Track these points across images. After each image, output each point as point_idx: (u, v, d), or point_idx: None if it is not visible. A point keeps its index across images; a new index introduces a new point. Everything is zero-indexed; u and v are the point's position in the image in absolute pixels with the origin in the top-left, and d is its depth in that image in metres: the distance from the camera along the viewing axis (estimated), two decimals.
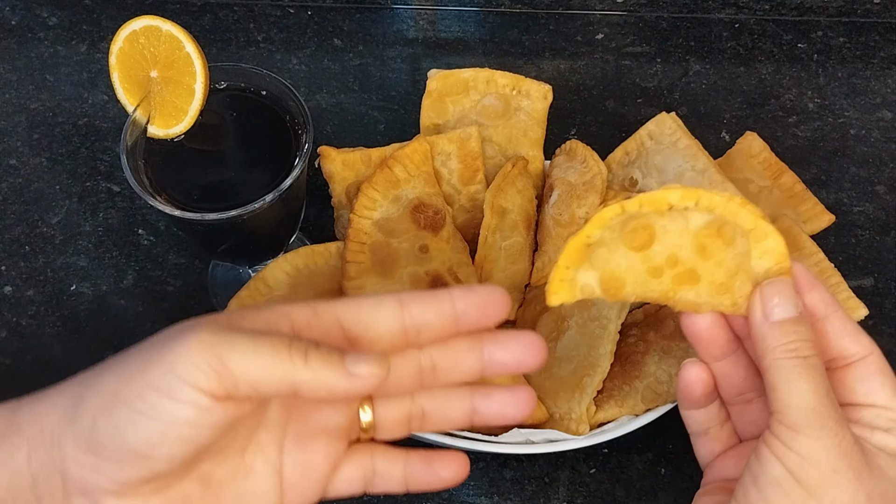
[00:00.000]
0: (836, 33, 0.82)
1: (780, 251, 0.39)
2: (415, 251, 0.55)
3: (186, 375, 0.31)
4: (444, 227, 0.56)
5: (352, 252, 0.54)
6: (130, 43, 0.55)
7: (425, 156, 0.58)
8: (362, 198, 0.56)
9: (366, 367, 0.33)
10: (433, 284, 0.54)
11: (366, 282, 0.54)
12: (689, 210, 0.38)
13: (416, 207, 0.56)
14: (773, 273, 0.39)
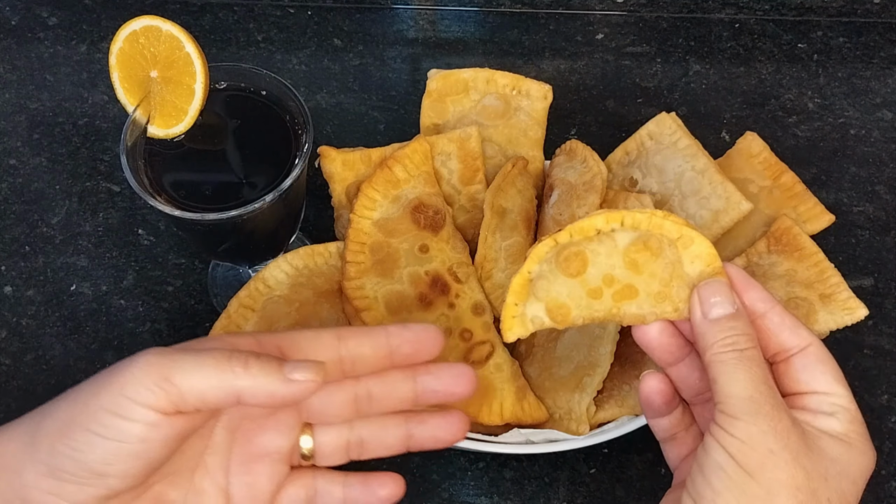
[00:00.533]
0: (836, 33, 0.82)
1: (709, 253, 0.41)
2: (415, 251, 0.55)
3: (135, 395, 0.33)
4: (444, 226, 0.57)
5: (352, 252, 0.55)
6: (130, 43, 0.55)
7: (425, 155, 0.58)
8: (362, 198, 0.56)
9: (303, 374, 0.35)
10: (433, 284, 0.55)
11: (366, 282, 0.54)
12: (616, 231, 0.42)
13: (417, 207, 0.56)
14: (706, 275, 0.41)
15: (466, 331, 0.55)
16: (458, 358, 0.54)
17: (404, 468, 0.60)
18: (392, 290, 0.54)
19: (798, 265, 0.56)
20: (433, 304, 0.55)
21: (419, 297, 0.55)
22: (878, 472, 0.61)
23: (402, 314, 0.54)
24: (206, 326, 0.64)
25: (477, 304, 0.56)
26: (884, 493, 0.60)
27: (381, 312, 0.53)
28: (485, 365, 0.54)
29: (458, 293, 0.56)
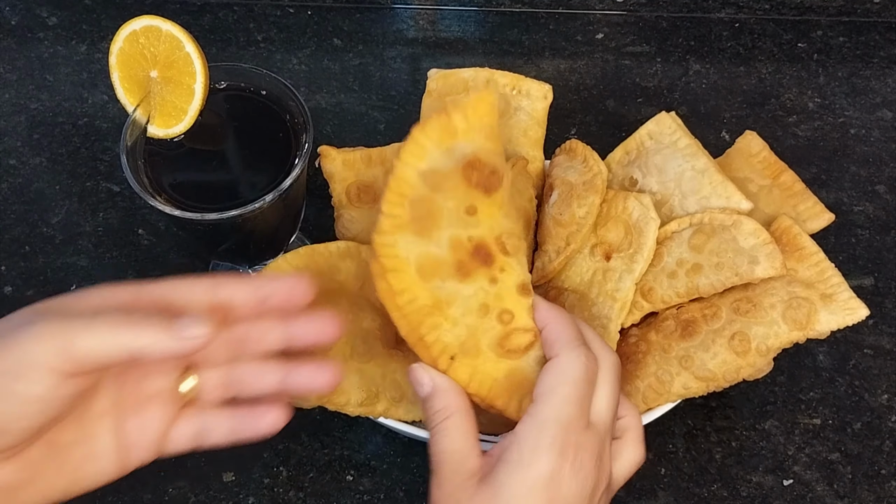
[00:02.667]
0: (836, 33, 0.82)
1: (756, 229, 0.53)
2: (460, 212, 0.47)
3: (37, 359, 0.35)
4: (498, 189, 0.48)
5: (389, 203, 0.46)
6: (130, 43, 0.55)
7: (491, 107, 0.49)
8: (410, 144, 0.47)
9: (194, 329, 0.38)
10: (475, 253, 0.47)
11: (398, 239, 0.46)
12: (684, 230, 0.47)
13: (471, 163, 0.47)
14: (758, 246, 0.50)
15: (507, 312, 0.47)
16: (490, 343, 0.47)
17: (405, 468, 0.61)
18: (427, 252, 0.46)
19: (798, 265, 0.56)
20: (472, 275, 0.47)
21: (457, 264, 0.46)
22: (879, 471, 0.61)
23: (435, 281, 0.46)
24: None
25: (524, 283, 0.48)
26: (884, 493, 0.60)
27: (411, 276, 0.45)
28: (522, 356, 0.47)
29: (504, 267, 0.47)
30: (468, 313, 0.46)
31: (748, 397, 0.63)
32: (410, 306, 0.45)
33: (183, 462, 0.60)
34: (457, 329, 0.46)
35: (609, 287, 0.57)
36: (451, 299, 0.46)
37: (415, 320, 0.45)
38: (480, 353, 0.46)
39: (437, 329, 0.45)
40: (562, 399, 0.42)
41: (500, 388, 0.46)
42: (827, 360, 0.65)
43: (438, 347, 0.45)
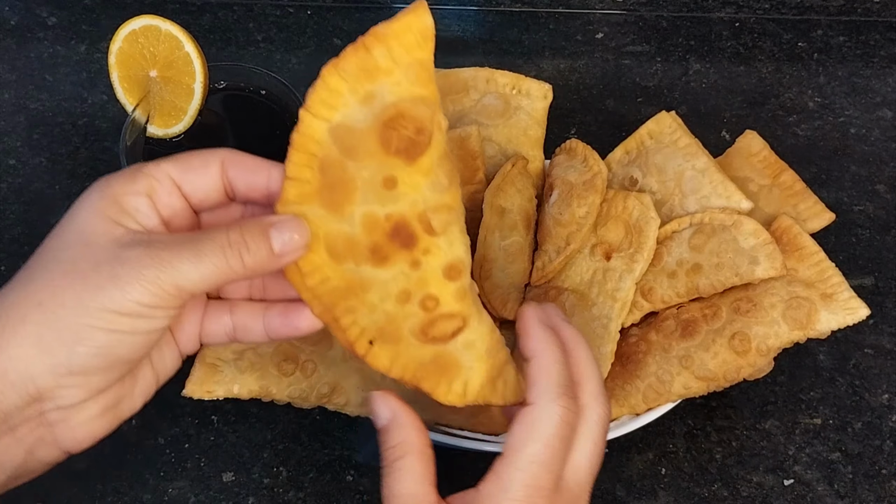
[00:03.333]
0: (836, 32, 0.82)
1: (756, 229, 0.54)
2: (377, 184, 0.39)
3: (148, 301, 0.36)
4: (425, 152, 0.40)
5: (295, 164, 0.39)
6: (130, 42, 0.55)
7: (423, 36, 0.39)
8: (320, 89, 0.39)
9: (290, 244, 0.38)
10: (393, 234, 0.40)
11: (306, 211, 0.39)
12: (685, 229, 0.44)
13: (390, 121, 0.39)
14: (758, 246, 0.53)
15: (430, 298, 0.41)
16: (412, 329, 0.41)
17: None
18: (338, 230, 0.40)
19: (799, 264, 0.56)
20: (389, 259, 0.40)
21: (372, 247, 0.40)
22: (879, 471, 0.61)
23: (348, 264, 0.40)
24: None
25: (452, 265, 0.41)
26: (885, 493, 0.60)
27: (321, 256, 0.40)
28: (450, 341, 0.42)
29: (429, 248, 0.40)
30: (386, 299, 0.40)
31: (749, 397, 0.63)
32: (322, 287, 0.40)
33: (183, 462, 0.60)
34: (374, 315, 0.40)
35: (609, 287, 0.57)
36: (366, 284, 0.40)
37: (328, 301, 0.40)
38: (402, 340, 0.41)
39: (352, 312, 0.40)
40: (529, 459, 0.38)
41: (426, 371, 0.41)
42: (827, 359, 0.65)
43: (355, 331, 0.40)
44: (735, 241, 0.55)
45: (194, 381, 0.53)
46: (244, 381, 0.54)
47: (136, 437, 0.61)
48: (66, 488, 0.59)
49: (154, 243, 0.37)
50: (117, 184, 0.38)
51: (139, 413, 0.63)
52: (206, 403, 0.62)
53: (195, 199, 0.40)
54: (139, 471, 0.60)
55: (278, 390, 0.54)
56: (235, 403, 0.62)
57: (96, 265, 0.36)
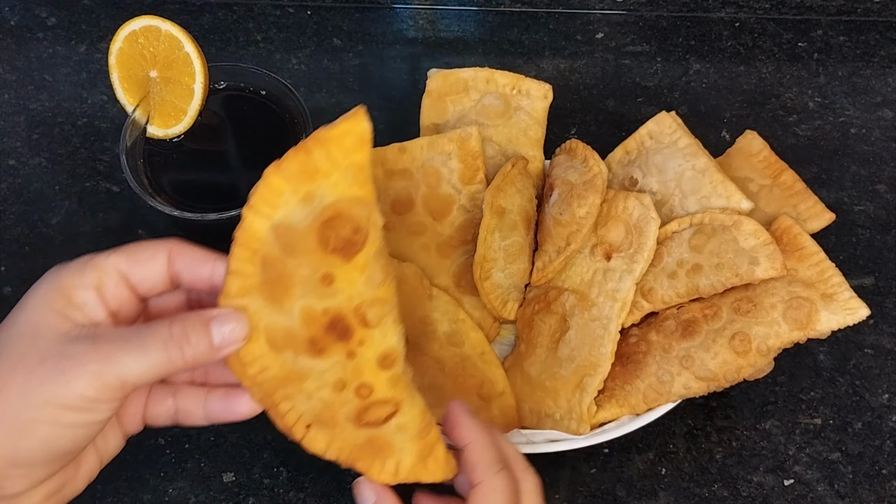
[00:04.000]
0: (836, 32, 0.82)
1: (757, 230, 0.54)
2: (315, 280, 0.41)
3: (92, 394, 0.37)
4: (361, 250, 0.42)
5: (238, 259, 0.40)
6: (130, 43, 0.55)
7: (361, 140, 0.41)
8: (263, 189, 0.40)
9: (230, 337, 0.39)
10: (330, 327, 0.42)
11: (249, 303, 0.41)
12: (685, 230, 0.44)
13: (329, 221, 0.41)
14: (758, 247, 0.54)
15: (364, 386, 0.43)
16: (347, 415, 0.43)
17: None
18: (278, 323, 0.41)
19: (799, 265, 0.56)
20: (326, 350, 0.42)
21: (310, 340, 0.42)
22: (879, 471, 0.61)
23: (287, 354, 0.42)
24: None
25: (386, 355, 0.43)
26: (885, 493, 0.60)
27: (261, 346, 0.41)
28: (382, 425, 0.44)
29: (363, 339, 0.43)
30: (323, 387, 0.43)
31: (749, 397, 0.63)
32: (262, 375, 0.42)
33: (183, 462, 0.60)
34: (311, 402, 0.43)
35: (609, 287, 0.57)
36: (304, 374, 0.42)
37: (268, 388, 0.42)
38: (337, 425, 0.44)
39: (290, 399, 0.43)
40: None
41: (361, 452, 0.44)
42: (827, 359, 0.65)
43: (293, 416, 0.43)
44: (735, 241, 0.55)
45: None
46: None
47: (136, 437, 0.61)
48: None
49: (99, 338, 0.38)
50: (67, 276, 0.40)
51: None
52: None
53: (142, 289, 0.41)
54: (139, 471, 0.60)
55: None
56: None
57: (42, 359, 0.37)
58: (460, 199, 0.62)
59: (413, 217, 0.62)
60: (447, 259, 0.62)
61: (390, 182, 0.61)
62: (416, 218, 0.62)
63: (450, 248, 0.62)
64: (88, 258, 0.41)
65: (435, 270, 0.62)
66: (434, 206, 0.62)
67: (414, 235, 0.62)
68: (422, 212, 0.61)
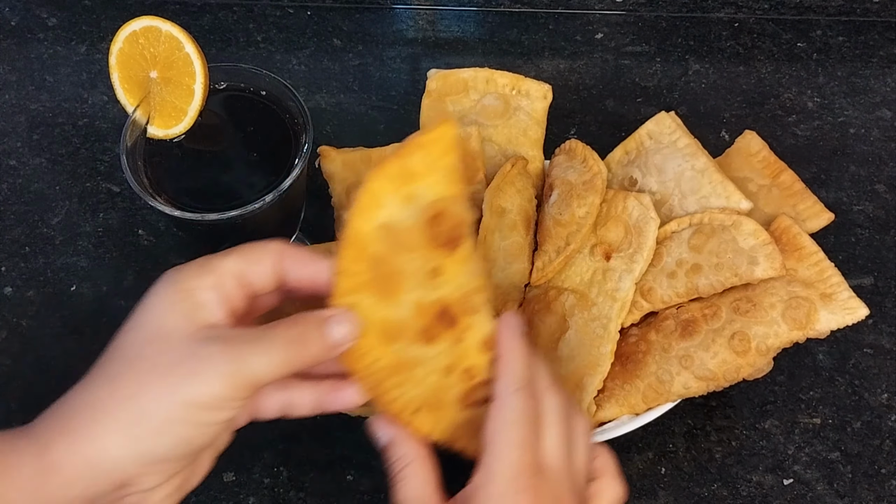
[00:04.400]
0: (835, 32, 0.82)
1: (756, 229, 0.54)
2: (424, 274, 0.44)
3: (226, 394, 0.39)
4: (462, 242, 0.45)
5: (347, 259, 0.43)
6: (130, 43, 0.55)
7: (449, 146, 0.44)
8: (365, 193, 0.42)
9: (344, 336, 0.41)
10: (440, 316, 0.45)
11: (361, 300, 0.43)
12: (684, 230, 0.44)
13: (434, 219, 0.44)
14: (757, 247, 0.53)
15: (470, 369, 0.46)
16: (453, 399, 0.46)
17: None
18: (390, 316, 0.44)
19: (798, 264, 0.56)
20: (436, 338, 0.45)
21: (422, 329, 0.45)
22: (879, 470, 0.61)
23: (399, 344, 0.44)
24: None
25: (487, 339, 0.46)
26: (884, 492, 0.60)
27: (372, 341, 0.44)
28: (483, 405, 0.46)
29: (469, 325, 0.46)
30: (432, 373, 0.45)
31: (748, 397, 0.64)
32: (373, 367, 0.44)
33: None
34: (420, 387, 0.45)
35: (609, 287, 0.57)
36: (414, 362, 0.45)
37: (378, 378, 0.44)
38: (443, 407, 0.46)
39: (399, 387, 0.45)
40: (506, 445, 0.42)
41: (462, 431, 0.47)
42: (827, 359, 0.65)
43: (402, 402, 0.45)
44: (734, 241, 0.56)
45: None
46: None
47: None
48: None
49: (227, 339, 0.40)
50: (187, 279, 0.41)
51: None
52: None
53: (253, 289, 0.43)
54: None
55: None
56: None
57: (175, 362, 0.39)
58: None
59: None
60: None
61: None
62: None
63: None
64: (205, 261, 0.42)
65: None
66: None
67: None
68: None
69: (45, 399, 0.40)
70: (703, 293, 0.56)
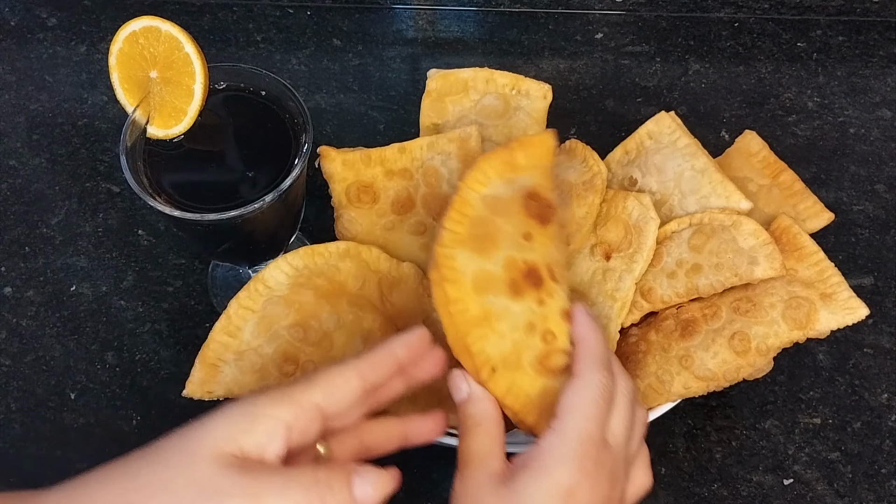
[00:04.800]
0: (835, 32, 0.82)
1: (756, 230, 0.55)
2: (518, 236, 0.51)
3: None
4: (552, 222, 0.52)
5: (451, 220, 0.50)
6: (130, 43, 0.55)
7: (549, 150, 0.54)
8: (476, 171, 0.51)
9: (368, 495, 0.41)
10: (528, 274, 0.50)
11: (458, 253, 0.49)
12: (684, 230, 0.49)
13: (531, 194, 0.52)
14: (757, 247, 0.53)
15: (550, 332, 0.49)
16: (531, 359, 0.48)
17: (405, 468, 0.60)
18: (483, 268, 0.49)
19: (798, 264, 0.56)
20: (522, 294, 0.49)
21: (510, 282, 0.49)
22: (879, 470, 0.61)
23: (488, 296, 0.48)
24: (206, 327, 0.64)
25: (567, 311, 0.50)
26: (884, 492, 0.60)
27: (466, 288, 0.48)
28: (557, 377, 0.49)
29: (552, 292, 0.50)
30: (515, 329, 0.48)
31: (748, 397, 0.64)
32: (461, 316, 0.47)
33: None
34: (502, 342, 0.48)
35: (609, 287, 0.57)
36: (500, 314, 0.48)
37: (463, 329, 0.47)
38: (520, 368, 0.48)
39: (482, 340, 0.47)
40: (582, 416, 0.44)
41: (533, 406, 0.48)
42: (827, 359, 0.65)
43: (482, 358, 0.47)
44: (734, 241, 0.56)
45: (195, 381, 0.53)
46: (245, 381, 0.54)
47: (136, 438, 0.61)
48: None
49: (247, 472, 0.39)
50: (264, 404, 0.41)
51: (139, 413, 0.63)
52: (207, 405, 0.62)
53: (331, 414, 0.43)
54: None
55: None
56: None
57: (194, 487, 0.38)
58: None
59: (413, 217, 0.62)
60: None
61: (390, 182, 0.61)
62: (416, 218, 0.62)
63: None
64: (290, 390, 0.41)
65: None
66: (434, 206, 0.62)
67: (414, 235, 0.62)
68: (422, 212, 0.61)
69: (45, 399, 0.40)
70: (703, 293, 0.56)
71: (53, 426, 0.61)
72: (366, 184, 0.60)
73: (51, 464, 0.60)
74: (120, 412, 0.62)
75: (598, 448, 0.43)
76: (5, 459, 0.60)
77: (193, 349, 0.53)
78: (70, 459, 0.60)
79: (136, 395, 0.63)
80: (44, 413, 0.62)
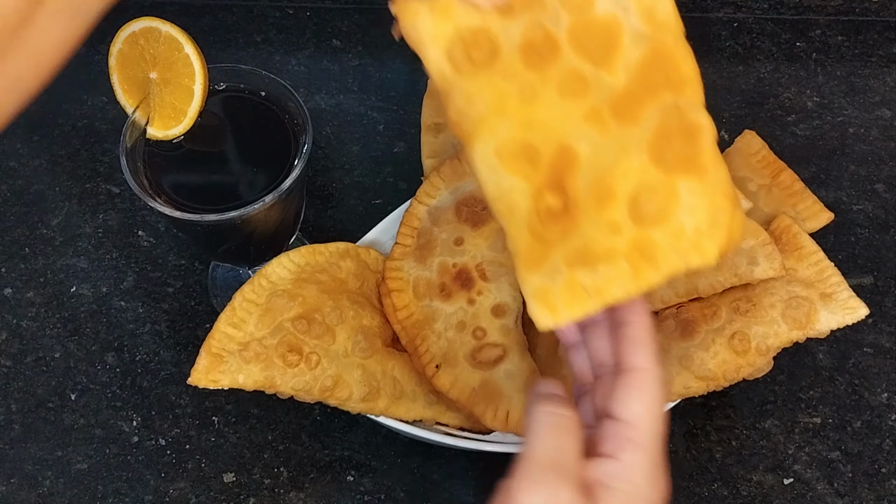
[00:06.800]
0: (834, 32, 0.82)
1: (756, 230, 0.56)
2: (450, 242, 0.57)
3: None
4: (487, 223, 0.57)
5: (401, 235, 0.58)
6: (130, 44, 0.55)
7: None
8: (426, 185, 0.58)
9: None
10: (457, 277, 0.56)
11: (404, 264, 0.57)
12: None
13: (464, 200, 0.57)
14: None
15: (480, 329, 0.55)
16: (465, 354, 0.55)
17: (405, 468, 0.61)
18: (421, 276, 0.57)
19: (798, 264, 0.56)
20: (452, 296, 0.56)
21: (440, 286, 0.56)
22: (879, 470, 0.61)
23: (426, 300, 0.56)
24: (206, 327, 0.64)
25: (499, 306, 0.56)
26: (884, 492, 0.60)
27: (409, 296, 0.56)
28: (493, 369, 0.55)
29: (482, 290, 0.56)
30: (449, 328, 0.55)
31: (748, 396, 0.64)
32: (408, 321, 0.56)
33: (184, 463, 0.60)
34: (440, 341, 0.55)
35: None
36: (436, 316, 0.56)
37: (411, 332, 0.55)
38: (458, 363, 0.54)
39: (426, 341, 0.55)
40: (656, 419, 0.40)
41: (478, 397, 0.53)
42: (827, 358, 0.65)
43: (427, 357, 0.55)
44: None
45: (199, 370, 0.53)
46: (249, 371, 0.53)
47: (136, 438, 0.61)
48: (67, 490, 0.59)
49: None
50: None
51: (139, 414, 0.63)
52: (207, 405, 0.62)
53: None
54: (140, 472, 0.60)
55: (282, 381, 0.54)
56: (236, 404, 0.62)
57: None
58: (630, 21, 0.39)
59: (560, 68, 0.38)
60: (634, 125, 0.38)
61: (510, 20, 0.38)
62: (565, 68, 0.38)
63: (634, 104, 0.39)
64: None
65: (618, 151, 0.38)
66: (590, 43, 0.38)
67: (569, 98, 0.38)
68: (573, 55, 0.38)
69: (46, 400, 0.40)
70: (703, 293, 0.56)
71: (54, 427, 0.62)
72: (474, 29, 0.38)
73: (51, 464, 0.60)
74: (120, 413, 0.62)
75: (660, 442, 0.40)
76: (5, 459, 0.60)
77: (194, 350, 0.53)
78: (70, 460, 0.61)
79: (137, 395, 0.63)
80: (44, 413, 0.62)
